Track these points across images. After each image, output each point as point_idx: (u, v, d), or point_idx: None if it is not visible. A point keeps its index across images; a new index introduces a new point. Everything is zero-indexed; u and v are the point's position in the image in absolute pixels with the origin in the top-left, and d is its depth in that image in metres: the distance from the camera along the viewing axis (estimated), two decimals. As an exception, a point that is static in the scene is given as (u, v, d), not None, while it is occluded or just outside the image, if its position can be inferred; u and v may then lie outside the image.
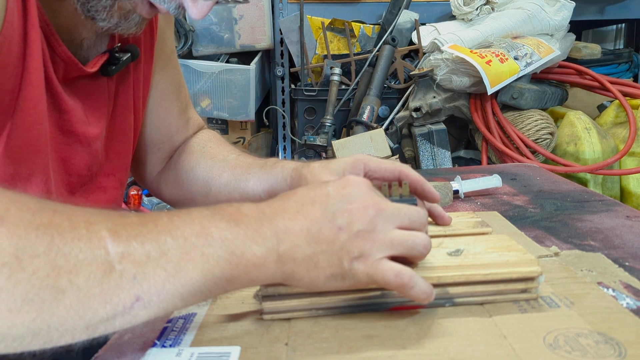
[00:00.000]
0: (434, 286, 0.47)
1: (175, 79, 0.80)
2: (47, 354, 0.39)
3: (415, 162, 1.92)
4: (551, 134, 1.82)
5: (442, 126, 1.91)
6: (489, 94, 1.79)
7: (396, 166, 0.59)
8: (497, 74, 1.77)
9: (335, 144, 1.76)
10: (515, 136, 1.81)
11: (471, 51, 1.81)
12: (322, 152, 1.92)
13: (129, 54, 0.66)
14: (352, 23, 2.09)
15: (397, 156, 1.84)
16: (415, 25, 2.03)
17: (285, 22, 2.09)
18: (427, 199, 0.60)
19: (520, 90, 1.85)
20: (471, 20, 2.01)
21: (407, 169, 0.58)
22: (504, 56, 1.80)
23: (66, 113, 0.60)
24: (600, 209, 0.84)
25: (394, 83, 2.02)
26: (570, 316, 0.49)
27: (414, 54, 2.06)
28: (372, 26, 2.12)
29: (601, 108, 2.12)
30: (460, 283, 0.50)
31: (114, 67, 0.64)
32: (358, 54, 2.05)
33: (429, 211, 0.62)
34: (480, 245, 0.55)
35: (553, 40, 1.97)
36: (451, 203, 0.91)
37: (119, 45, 0.65)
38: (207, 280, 0.41)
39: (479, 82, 1.79)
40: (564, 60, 2.01)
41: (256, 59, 2.13)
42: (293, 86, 2.14)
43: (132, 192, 1.87)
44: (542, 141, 1.81)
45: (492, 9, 1.99)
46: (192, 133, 0.84)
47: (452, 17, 2.09)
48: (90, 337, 0.39)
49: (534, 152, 1.81)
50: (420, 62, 1.97)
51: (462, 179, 0.95)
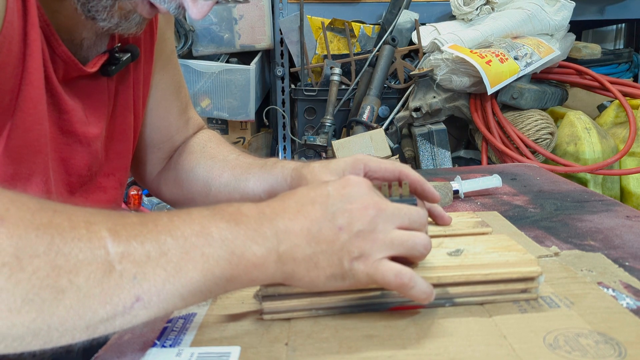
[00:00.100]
0: (434, 286, 0.47)
1: (175, 79, 0.80)
2: (47, 354, 0.39)
3: (415, 162, 1.92)
4: (551, 134, 1.82)
5: (442, 126, 1.91)
6: (489, 94, 1.79)
7: (396, 166, 0.59)
8: (497, 74, 1.77)
9: (335, 144, 1.76)
10: (515, 136, 1.81)
11: (471, 51, 1.81)
12: (322, 152, 1.92)
13: (129, 54, 0.66)
14: (352, 23, 2.09)
15: (397, 156, 1.84)
16: (415, 25, 2.03)
17: (285, 22, 2.09)
18: (427, 199, 0.60)
19: (520, 90, 1.85)
20: (471, 20, 2.01)
21: (407, 169, 0.58)
22: (504, 56, 1.80)
23: (66, 113, 0.60)
24: (600, 209, 0.84)
25: (394, 83, 2.02)
26: (570, 316, 0.49)
27: (414, 54, 2.06)
28: (372, 26, 2.12)
29: (601, 108, 2.12)
30: (460, 283, 0.50)
31: (114, 67, 0.64)
32: (358, 54, 2.05)
33: (429, 211, 0.62)
34: (480, 245, 0.55)
35: (553, 40, 1.97)
36: (451, 203, 0.91)
37: (119, 45, 0.66)
38: (207, 280, 0.41)
39: (479, 82, 1.79)
40: (564, 60, 2.01)
41: (256, 59, 2.13)
42: (293, 86, 2.13)
43: (132, 192, 1.87)
44: (542, 141, 1.81)
45: (492, 9, 1.99)
46: (192, 133, 0.84)
47: (452, 17, 2.09)
48: (90, 337, 0.39)
49: (534, 152, 1.81)
50: (420, 62, 1.97)
51: (462, 179, 0.95)
